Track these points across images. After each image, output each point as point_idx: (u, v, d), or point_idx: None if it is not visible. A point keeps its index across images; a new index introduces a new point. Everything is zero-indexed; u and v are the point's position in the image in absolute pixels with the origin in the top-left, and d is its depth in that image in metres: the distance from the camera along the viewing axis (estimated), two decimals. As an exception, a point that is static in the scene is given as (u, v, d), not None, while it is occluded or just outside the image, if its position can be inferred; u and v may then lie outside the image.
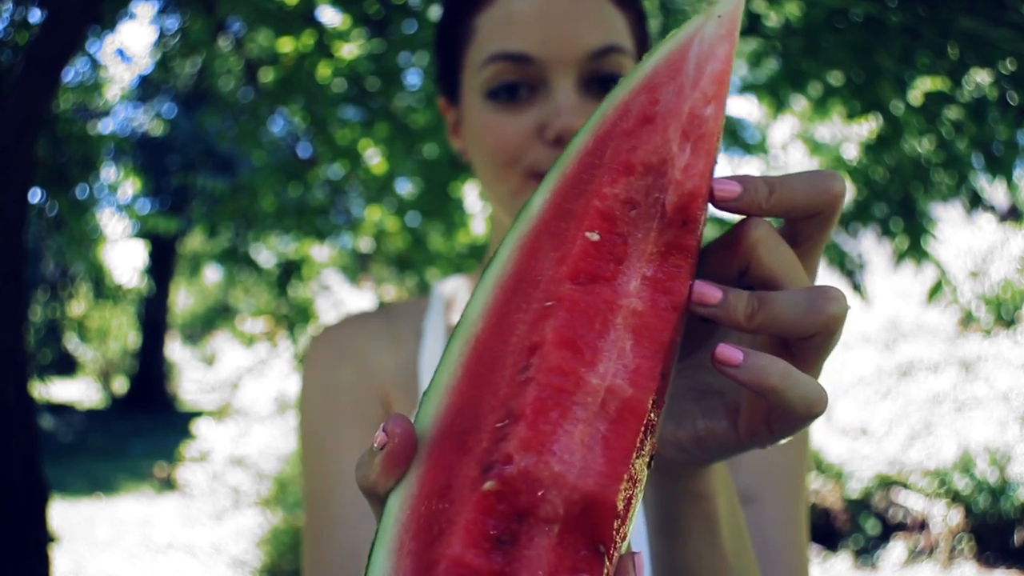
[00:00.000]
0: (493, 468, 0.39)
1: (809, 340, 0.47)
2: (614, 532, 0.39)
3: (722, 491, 0.59)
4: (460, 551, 0.38)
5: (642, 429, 0.41)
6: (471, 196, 3.87)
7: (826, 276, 3.59)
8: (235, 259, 3.76)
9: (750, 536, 0.81)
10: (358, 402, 0.93)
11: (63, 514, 6.81)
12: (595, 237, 0.45)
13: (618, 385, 0.42)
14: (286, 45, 3.12)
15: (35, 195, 3.39)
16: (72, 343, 15.08)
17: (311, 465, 0.94)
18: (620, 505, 0.40)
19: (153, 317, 15.43)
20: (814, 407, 0.46)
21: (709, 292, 0.45)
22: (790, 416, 0.47)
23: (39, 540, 2.50)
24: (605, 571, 0.39)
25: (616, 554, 0.40)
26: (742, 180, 0.46)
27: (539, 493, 0.39)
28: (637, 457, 0.41)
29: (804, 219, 0.49)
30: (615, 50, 0.84)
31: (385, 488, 0.42)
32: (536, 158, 0.84)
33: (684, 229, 0.45)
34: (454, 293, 1.02)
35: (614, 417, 0.41)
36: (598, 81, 0.85)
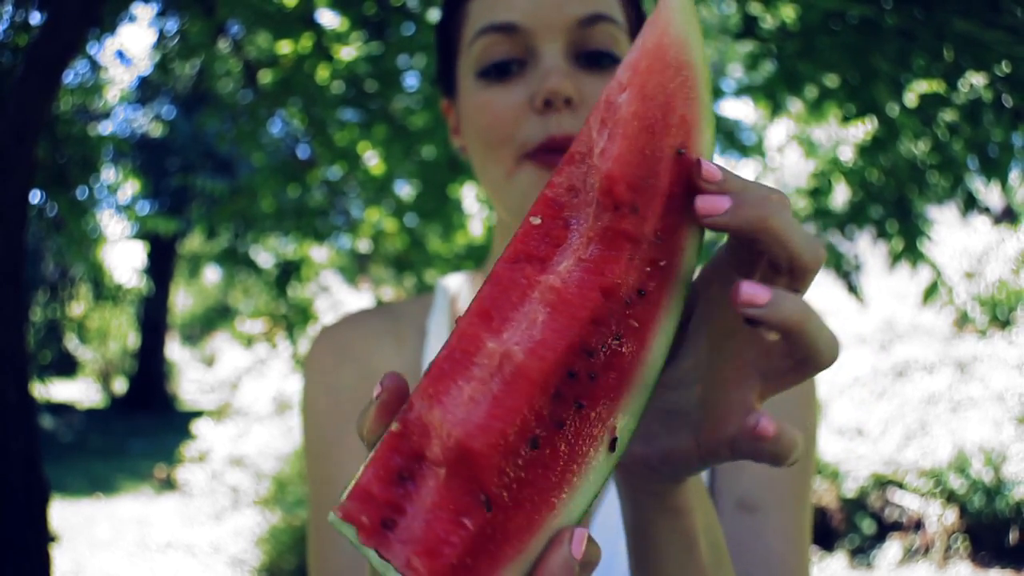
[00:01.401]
0: (400, 414, 0.45)
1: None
2: (498, 483, 0.43)
3: (698, 506, 0.59)
4: (366, 481, 0.43)
5: (544, 394, 0.44)
6: (469, 197, 3.88)
7: (822, 278, 3.60)
8: (234, 260, 3.76)
9: (752, 544, 0.81)
10: (361, 404, 0.91)
11: (63, 514, 6.81)
12: (537, 221, 0.49)
13: (514, 351, 0.45)
14: (285, 47, 3.13)
15: (35, 196, 3.40)
16: (72, 343, 15.08)
17: (315, 469, 0.93)
18: (504, 460, 0.43)
19: (153, 318, 15.43)
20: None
21: (757, 293, 0.44)
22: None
23: (39, 539, 2.51)
24: (489, 519, 0.42)
25: (507, 502, 0.43)
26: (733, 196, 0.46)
27: (428, 438, 0.44)
28: (538, 423, 0.44)
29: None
30: (604, 19, 0.83)
31: (373, 437, 0.46)
32: (528, 132, 0.82)
33: (617, 214, 0.48)
34: (458, 290, 1.01)
35: (508, 379, 0.44)
36: (589, 55, 0.84)
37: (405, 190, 3.80)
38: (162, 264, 15.05)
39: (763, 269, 0.49)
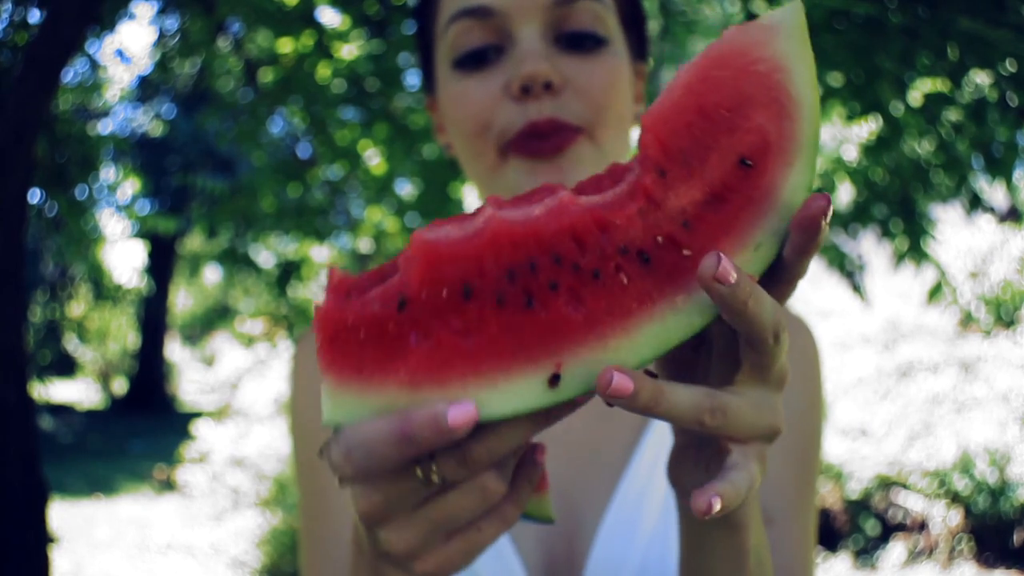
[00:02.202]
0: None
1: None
2: (425, 295, 0.43)
3: (753, 524, 0.58)
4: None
5: (506, 256, 0.44)
6: (471, 197, 3.87)
7: (826, 278, 3.59)
8: (235, 260, 3.76)
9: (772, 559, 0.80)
10: None
11: (63, 515, 6.81)
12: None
13: (499, 214, 0.45)
14: (285, 46, 3.12)
15: (34, 195, 3.40)
16: (72, 344, 15.08)
17: (305, 480, 0.89)
18: (437, 286, 0.43)
19: (152, 318, 15.43)
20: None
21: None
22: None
23: (39, 540, 2.51)
24: (401, 322, 0.43)
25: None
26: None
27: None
28: (484, 279, 0.44)
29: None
30: None
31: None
32: (506, 120, 0.77)
33: (646, 170, 0.47)
34: None
35: (480, 228, 0.45)
36: (570, 36, 0.79)
37: (406, 189, 3.79)
38: (162, 264, 15.05)
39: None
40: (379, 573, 0.55)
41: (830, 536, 5.42)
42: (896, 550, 5.22)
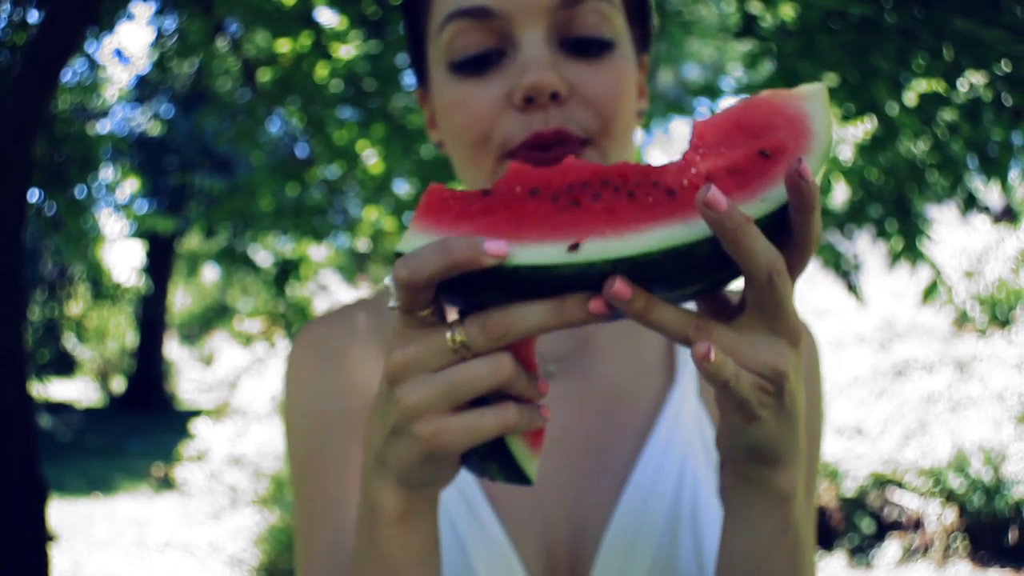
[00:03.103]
0: None
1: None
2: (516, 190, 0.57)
3: (799, 498, 0.62)
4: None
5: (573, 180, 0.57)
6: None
7: (822, 277, 3.60)
8: (233, 259, 3.76)
9: None
10: (347, 414, 0.83)
11: (61, 513, 6.81)
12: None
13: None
14: (283, 46, 3.13)
15: (33, 195, 3.40)
16: (70, 343, 15.07)
17: (300, 484, 0.85)
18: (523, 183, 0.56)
19: (151, 317, 15.42)
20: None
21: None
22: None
23: (38, 538, 2.51)
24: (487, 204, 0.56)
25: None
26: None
27: None
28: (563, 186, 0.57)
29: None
30: None
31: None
32: (508, 131, 0.74)
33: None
34: None
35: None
36: (575, 43, 0.75)
37: (404, 189, 3.79)
38: (160, 263, 15.04)
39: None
40: (378, 504, 0.59)
41: (826, 534, 5.43)
42: (891, 548, 5.24)
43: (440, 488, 0.61)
